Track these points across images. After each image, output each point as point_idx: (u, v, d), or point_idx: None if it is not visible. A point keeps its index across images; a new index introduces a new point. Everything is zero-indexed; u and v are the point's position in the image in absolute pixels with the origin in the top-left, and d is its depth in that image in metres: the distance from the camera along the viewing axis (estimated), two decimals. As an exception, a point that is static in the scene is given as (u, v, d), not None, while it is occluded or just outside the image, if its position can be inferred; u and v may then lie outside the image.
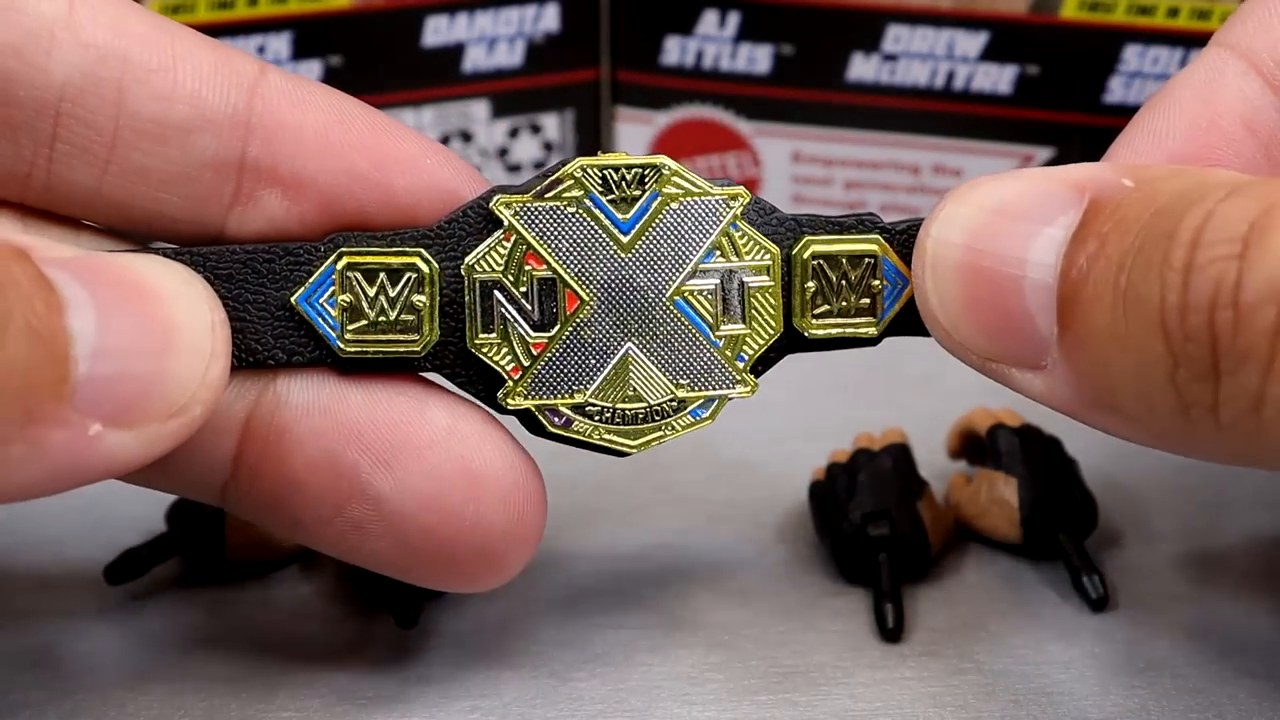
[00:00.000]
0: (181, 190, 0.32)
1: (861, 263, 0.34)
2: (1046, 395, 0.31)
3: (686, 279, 0.34)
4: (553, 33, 0.53)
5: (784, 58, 0.53)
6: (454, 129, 0.54)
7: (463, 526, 0.33)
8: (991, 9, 0.51)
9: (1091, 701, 0.36)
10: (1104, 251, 0.29)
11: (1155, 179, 0.30)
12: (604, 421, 0.34)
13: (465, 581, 0.34)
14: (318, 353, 0.33)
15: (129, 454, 0.29)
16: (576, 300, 0.34)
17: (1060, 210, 0.31)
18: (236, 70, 0.32)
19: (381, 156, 0.33)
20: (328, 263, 0.33)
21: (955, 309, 0.32)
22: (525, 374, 0.34)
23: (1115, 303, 0.29)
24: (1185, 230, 0.28)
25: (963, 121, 0.52)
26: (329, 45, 0.51)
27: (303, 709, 0.36)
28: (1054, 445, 0.41)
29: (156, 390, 0.29)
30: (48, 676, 0.36)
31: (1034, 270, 0.31)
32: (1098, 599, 0.38)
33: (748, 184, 0.55)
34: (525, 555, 0.34)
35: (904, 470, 0.40)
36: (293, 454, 0.33)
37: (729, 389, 0.34)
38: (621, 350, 0.34)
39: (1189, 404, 0.29)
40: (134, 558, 0.39)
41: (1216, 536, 0.41)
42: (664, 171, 0.34)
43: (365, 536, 0.33)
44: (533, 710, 0.36)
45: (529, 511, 0.34)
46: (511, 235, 0.33)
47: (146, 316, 0.29)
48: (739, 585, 0.40)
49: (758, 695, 0.36)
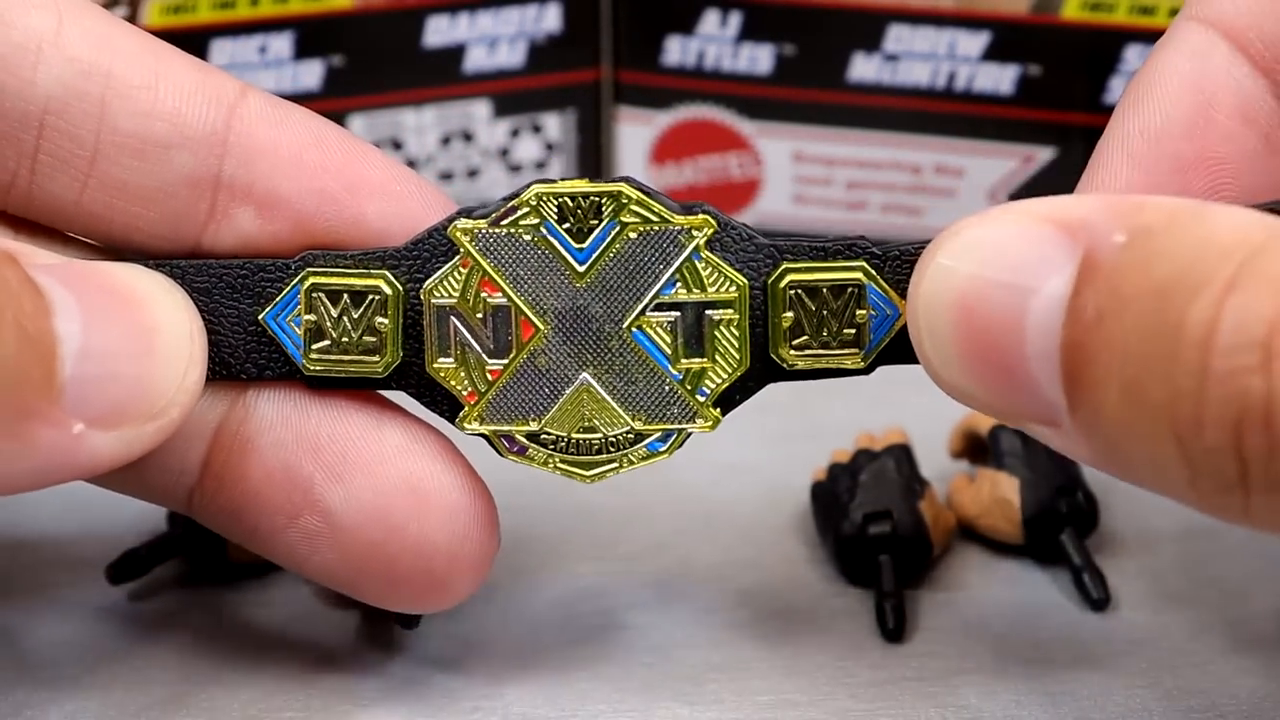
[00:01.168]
0: (159, 206, 0.33)
1: (843, 292, 0.33)
2: (1066, 450, 0.30)
3: (645, 310, 0.33)
4: (554, 33, 0.53)
5: (785, 58, 0.53)
6: (455, 129, 0.54)
7: (406, 543, 0.33)
8: (993, 9, 0.51)
9: (1092, 702, 0.36)
10: (1104, 328, 0.27)
11: (1149, 233, 0.27)
12: (559, 450, 0.34)
13: (410, 600, 0.35)
14: (286, 369, 0.34)
15: (110, 453, 0.30)
16: (531, 328, 0.33)
17: (1054, 266, 0.28)
18: (217, 90, 0.33)
19: (354, 180, 0.33)
20: (294, 282, 0.33)
21: (955, 368, 0.30)
22: (481, 399, 0.34)
23: (1122, 394, 0.27)
24: (1193, 325, 0.26)
25: (964, 121, 0.52)
26: (330, 45, 0.51)
27: (303, 709, 0.36)
28: (1055, 445, 0.41)
29: (138, 393, 0.30)
30: (49, 677, 0.36)
31: (1034, 335, 0.29)
32: (1099, 599, 0.38)
33: (749, 184, 0.55)
34: (470, 577, 0.34)
35: (905, 470, 0.40)
36: (254, 464, 0.33)
37: (687, 423, 0.34)
38: (577, 380, 0.34)
39: (1215, 506, 0.27)
40: (134, 558, 0.39)
41: (1217, 537, 0.41)
42: (622, 199, 0.33)
43: (315, 548, 0.34)
44: (534, 710, 0.36)
45: (474, 534, 0.34)
46: (468, 262, 0.33)
47: (130, 321, 0.30)
48: (740, 585, 0.40)
49: (759, 695, 0.36)
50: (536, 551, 0.41)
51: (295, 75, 0.51)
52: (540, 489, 0.43)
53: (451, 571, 0.34)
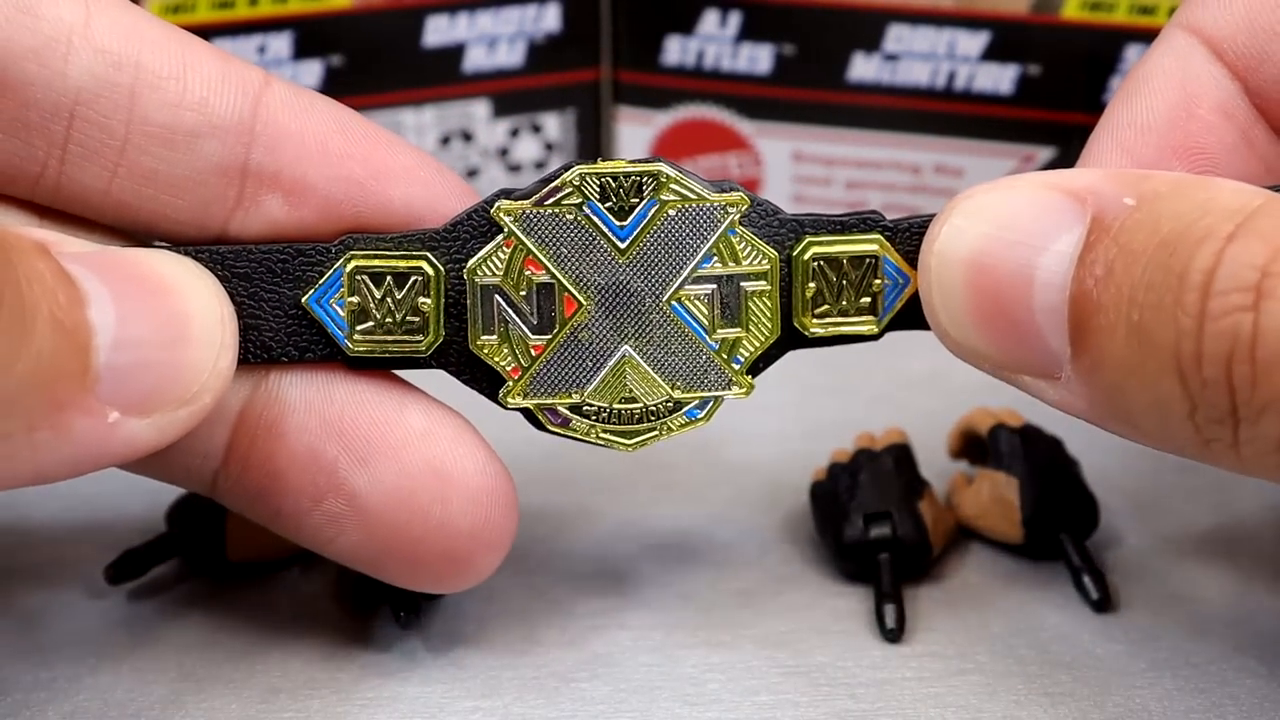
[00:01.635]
0: (187, 194, 0.33)
1: (862, 263, 0.35)
2: (1061, 403, 0.32)
3: (683, 284, 0.34)
4: (554, 32, 0.53)
5: (785, 58, 0.53)
6: (455, 129, 0.54)
7: (430, 525, 0.34)
8: (993, 9, 0.51)
9: (1092, 702, 0.36)
10: (1112, 280, 0.30)
11: (1156, 196, 0.30)
12: (601, 421, 0.35)
13: (434, 580, 0.35)
14: (328, 351, 0.34)
15: (145, 439, 0.31)
16: (575, 304, 0.34)
17: (1064, 226, 0.31)
18: (242, 79, 0.33)
19: (379, 166, 0.34)
20: (337, 265, 0.34)
21: (965, 325, 0.32)
22: (524, 374, 0.35)
23: (1129, 337, 0.29)
24: (1195, 272, 0.28)
25: (964, 121, 0.52)
26: (330, 45, 0.51)
27: (303, 709, 0.36)
28: (1055, 445, 0.41)
29: (171, 379, 0.31)
30: (48, 677, 0.36)
31: (1041, 290, 0.31)
32: (1099, 599, 0.38)
33: (748, 184, 0.55)
34: (492, 558, 0.35)
35: (905, 470, 0.40)
36: (279, 447, 0.34)
37: (724, 390, 0.35)
38: (619, 353, 0.35)
39: (1208, 438, 0.29)
40: (134, 558, 0.39)
41: (1217, 537, 0.41)
42: (662, 179, 0.34)
43: (340, 530, 0.34)
44: (534, 711, 0.36)
45: (496, 516, 0.35)
46: (512, 241, 0.34)
47: (162, 309, 0.31)
48: (740, 585, 0.40)
49: (758, 696, 0.36)
50: (536, 552, 0.41)
51: (294, 75, 0.51)
52: (541, 489, 0.43)
53: (474, 552, 0.35)
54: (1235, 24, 0.35)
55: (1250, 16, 0.35)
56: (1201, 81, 0.35)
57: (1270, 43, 0.35)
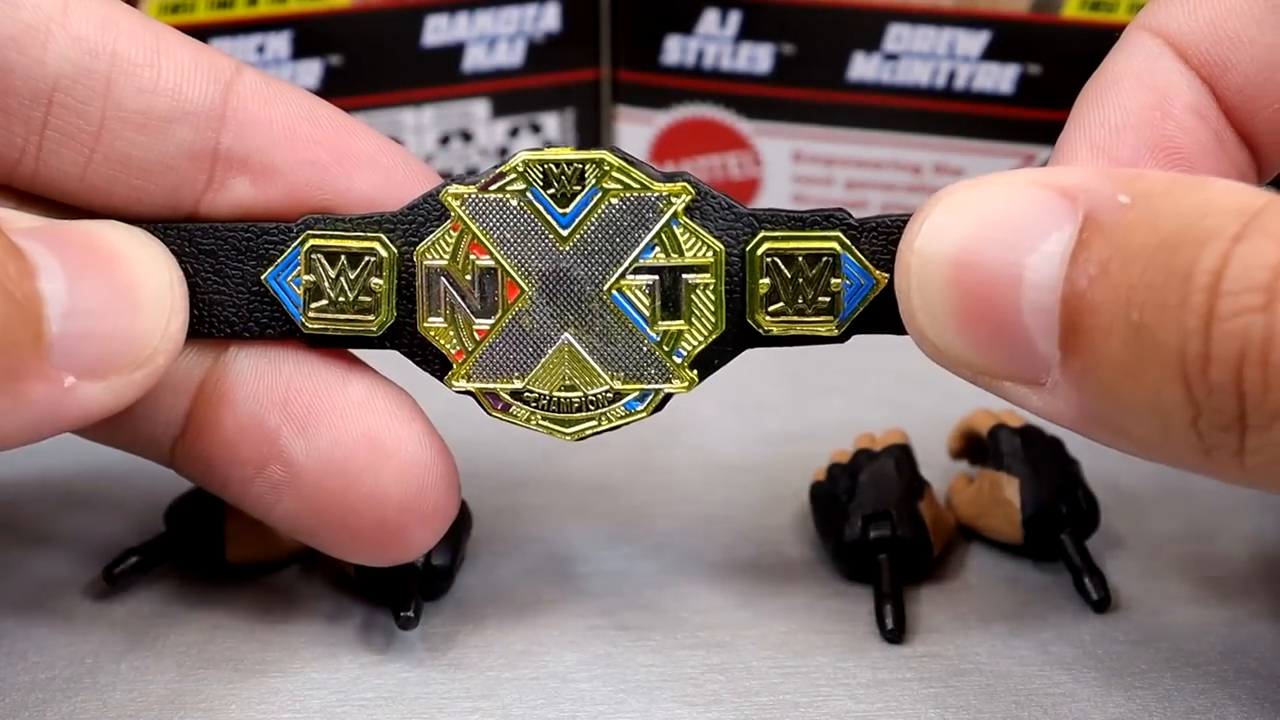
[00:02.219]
0: (159, 178, 0.34)
1: (818, 260, 0.34)
2: (1044, 410, 0.31)
3: (624, 273, 0.35)
4: (553, 32, 0.53)
5: (785, 57, 0.53)
6: (454, 128, 0.53)
7: (361, 493, 0.35)
8: (993, 8, 0.51)
9: (1093, 702, 0.36)
10: (1108, 280, 0.29)
11: (1151, 195, 0.29)
12: (540, 408, 0.35)
13: (368, 550, 0.36)
14: (286, 328, 0.35)
15: (101, 402, 0.32)
16: (517, 290, 0.35)
17: (1054, 225, 0.30)
18: (214, 67, 0.34)
19: (343, 151, 0.35)
20: (295, 243, 0.35)
21: (945, 325, 0.31)
22: (469, 357, 0.35)
23: (1127, 339, 0.28)
24: (1202, 273, 0.27)
25: (964, 121, 0.52)
26: (329, 45, 0.51)
27: (303, 709, 0.35)
28: (1056, 446, 0.41)
29: (124, 344, 0.32)
30: (46, 678, 0.36)
31: (1031, 290, 0.30)
32: (1099, 600, 0.38)
33: (748, 184, 0.55)
34: (425, 531, 0.35)
35: (905, 471, 0.40)
36: (227, 415, 0.35)
37: (664, 383, 0.35)
38: (559, 340, 0.35)
39: (1210, 446, 0.28)
40: (133, 558, 0.39)
41: (1218, 537, 0.41)
42: (605, 167, 0.34)
43: (279, 497, 0.35)
44: (534, 711, 0.35)
45: (429, 489, 0.35)
46: (458, 225, 0.34)
47: (111, 278, 0.32)
48: (740, 586, 0.40)
49: (759, 696, 0.36)
50: (535, 552, 0.41)
51: (294, 75, 0.51)
52: (539, 489, 0.43)
53: (406, 524, 0.35)
54: (1200, 30, 0.35)
55: (1215, 23, 0.35)
56: (1173, 82, 0.35)
57: (1235, 50, 0.34)
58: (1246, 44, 0.35)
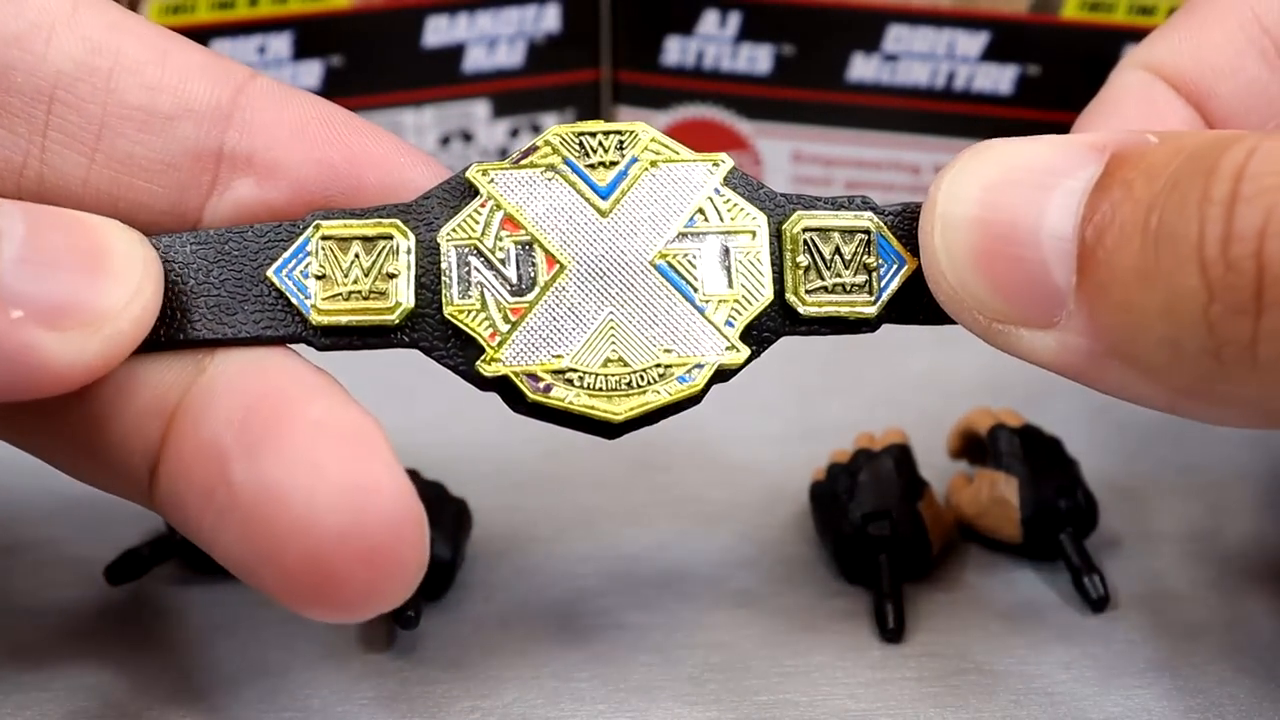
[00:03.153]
0: (163, 179, 0.34)
1: (854, 238, 0.34)
2: (1058, 353, 0.31)
3: (669, 243, 0.33)
4: (553, 33, 0.53)
5: (784, 58, 0.53)
6: (454, 129, 0.54)
7: (291, 518, 0.30)
8: (992, 9, 0.51)
9: (1092, 702, 0.36)
10: (1130, 195, 0.29)
11: (1180, 135, 0.30)
12: (585, 388, 0.33)
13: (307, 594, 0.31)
14: (292, 326, 0.33)
15: (60, 356, 0.30)
16: (555, 264, 0.33)
17: (1080, 165, 0.30)
18: (225, 70, 0.34)
19: (356, 152, 0.34)
20: (304, 235, 0.33)
21: (964, 264, 0.31)
22: (504, 340, 0.33)
23: (1144, 243, 0.28)
24: (1228, 165, 0.28)
25: (963, 122, 0.52)
26: (329, 45, 0.51)
27: (303, 709, 0.36)
28: (1055, 445, 0.41)
29: (82, 297, 0.30)
30: (48, 677, 0.36)
31: (1052, 220, 0.30)
32: (1098, 599, 0.38)
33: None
34: (370, 574, 0.30)
35: (905, 470, 0.40)
36: (189, 436, 0.32)
37: (716, 355, 0.33)
38: (602, 315, 0.33)
39: (1222, 342, 0.28)
40: (134, 558, 0.39)
41: (1217, 537, 0.41)
42: (642, 136, 0.33)
43: (224, 526, 0.31)
44: (533, 710, 0.36)
45: (374, 520, 0.30)
46: (488, 202, 0.33)
47: (77, 233, 0.31)
48: (739, 585, 0.40)
49: (758, 695, 0.36)
50: (536, 552, 0.41)
51: (294, 75, 0.51)
52: (539, 489, 0.43)
53: (341, 559, 0.30)
54: (1184, 63, 0.36)
55: (1198, 56, 0.36)
56: (1169, 106, 0.36)
57: (1218, 81, 0.36)
58: (1228, 76, 0.36)
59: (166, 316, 0.33)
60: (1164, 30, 0.37)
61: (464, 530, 0.40)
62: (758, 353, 0.34)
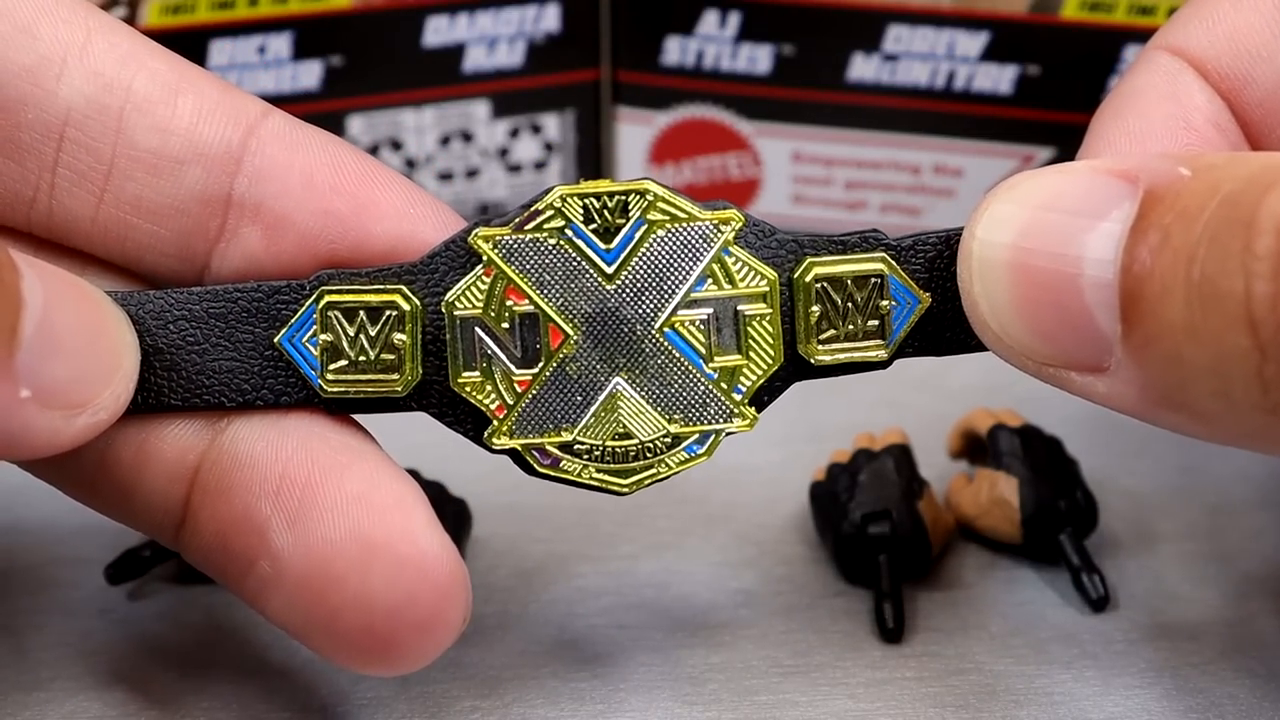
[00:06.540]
0: (171, 223, 0.33)
1: (867, 283, 0.33)
2: (1110, 398, 0.30)
3: (677, 309, 0.33)
4: (553, 33, 0.53)
5: (784, 58, 0.53)
6: (454, 129, 0.54)
7: (347, 595, 0.31)
8: (992, 9, 0.51)
9: (1092, 702, 0.36)
10: (1169, 244, 0.28)
11: (1212, 166, 0.29)
12: (593, 460, 0.33)
13: (359, 658, 0.32)
14: (303, 394, 0.33)
15: (41, 432, 0.30)
16: (560, 335, 0.33)
17: (1114, 203, 0.29)
18: (238, 109, 0.33)
19: (364, 202, 0.33)
20: (309, 301, 0.33)
21: (1007, 313, 0.31)
22: (510, 412, 0.33)
23: (1189, 297, 0.28)
24: (1266, 217, 0.27)
25: (963, 122, 0.52)
26: (329, 45, 0.51)
27: (303, 709, 0.36)
28: (1054, 445, 0.41)
29: (78, 381, 0.30)
30: (48, 676, 0.36)
31: (1092, 267, 0.29)
32: (1098, 599, 0.38)
33: (748, 184, 0.55)
34: (422, 640, 0.32)
35: (904, 470, 0.40)
36: (221, 505, 0.32)
37: (725, 423, 0.33)
38: (609, 385, 0.33)
39: (1278, 401, 0.28)
40: (134, 558, 0.39)
41: (1217, 537, 0.41)
42: (649, 197, 0.33)
43: (269, 595, 0.32)
44: (533, 710, 0.36)
45: (424, 593, 0.31)
46: (492, 270, 0.32)
47: (83, 313, 0.31)
48: (740, 585, 0.40)
49: (758, 695, 0.36)
50: (536, 552, 0.41)
51: (294, 75, 0.51)
52: (540, 488, 0.43)
53: (396, 631, 0.31)
54: (1219, 46, 0.35)
55: (1234, 39, 0.35)
56: (1194, 96, 0.35)
57: (1255, 65, 0.34)
58: (1265, 60, 0.34)
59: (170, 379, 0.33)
60: (1193, 10, 0.36)
61: (464, 530, 0.40)
62: (766, 404, 0.34)
